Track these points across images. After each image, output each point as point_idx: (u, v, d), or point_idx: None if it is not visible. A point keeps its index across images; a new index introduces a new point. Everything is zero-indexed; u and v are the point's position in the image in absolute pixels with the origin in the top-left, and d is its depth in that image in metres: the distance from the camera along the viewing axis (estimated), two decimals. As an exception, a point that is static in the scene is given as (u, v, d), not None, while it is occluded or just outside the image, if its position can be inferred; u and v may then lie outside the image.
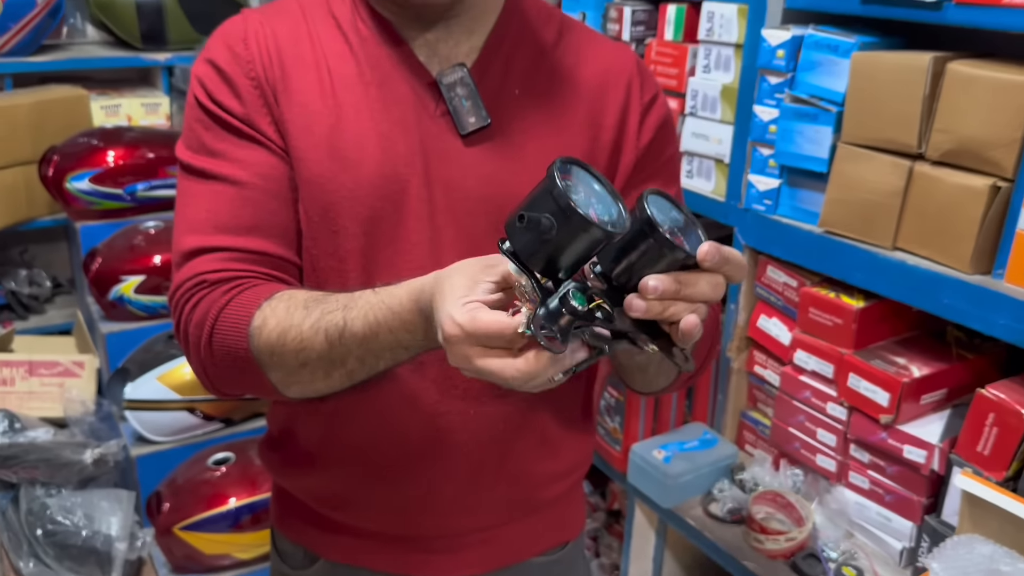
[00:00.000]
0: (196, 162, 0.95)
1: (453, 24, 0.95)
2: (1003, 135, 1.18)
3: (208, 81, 0.94)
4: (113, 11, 2.96)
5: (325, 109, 0.93)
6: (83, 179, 2.59)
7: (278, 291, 0.89)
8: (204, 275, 0.91)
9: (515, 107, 0.97)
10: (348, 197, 0.92)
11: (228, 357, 0.89)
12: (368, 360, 0.86)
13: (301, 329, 0.85)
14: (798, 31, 1.39)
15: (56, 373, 2.61)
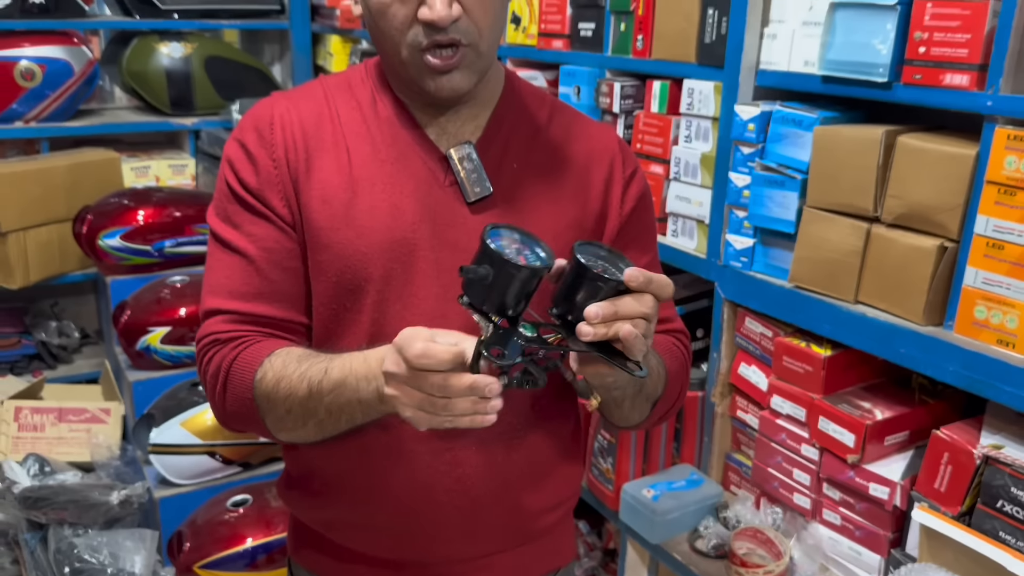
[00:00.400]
0: (220, 231, 1.11)
1: (462, 108, 1.11)
2: (948, 201, 1.31)
3: (236, 160, 1.10)
4: (145, 79, 3.16)
5: (343, 184, 1.08)
6: (114, 236, 2.76)
7: (279, 348, 1.05)
8: (217, 334, 1.08)
9: (513, 179, 1.12)
10: (362, 260, 1.06)
11: (237, 403, 1.07)
12: (334, 411, 1.00)
13: (291, 379, 1.01)
14: (767, 107, 1.53)
15: (84, 419, 2.76)
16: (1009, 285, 1.25)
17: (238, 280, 1.09)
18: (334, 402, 0.99)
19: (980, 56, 1.25)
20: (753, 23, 1.55)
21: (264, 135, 1.09)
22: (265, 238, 1.09)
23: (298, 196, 1.08)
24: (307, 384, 1.00)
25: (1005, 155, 1.23)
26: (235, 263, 1.09)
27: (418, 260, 1.07)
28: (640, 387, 1.09)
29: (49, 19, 2.92)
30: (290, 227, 1.09)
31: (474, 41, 1.01)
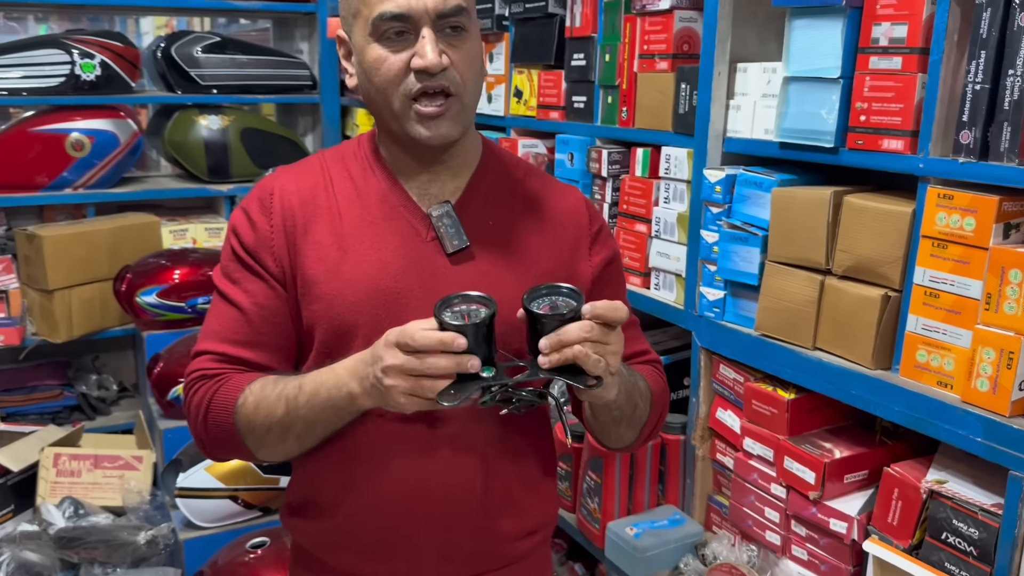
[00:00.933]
0: (221, 285, 1.26)
1: (442, 169, 1.26)
2: (890, 254, 1.44)
3: (239, 225, 1.26)
4: (185, 149, 3.40)
5: (335, 243, 1.23)
6: (151, 294, 2.96)
7: (257, 377, 1.20)
8: (204, 370, 1.22)
9: (489, 234, 1.27)
10: (351, 309, 1.21)
11: (218, 429, 1.21)
12: (310, 422, 1.15)
13: (269, 399, 1.16)
14: (731, 171, 1.68)
15: (118, 466, 2.92)
16: (945, 331, 1.37)
17: (230, 329, 1.23)
18: (309, 413, 1.15)
19: (912, 123, 1.39)
20: (719, 96, 1.71)
21: (265, 204, 1.25)
22: (257, 294, 1.24)
23: (293, 258, 1.23)
24: (284, 401, 1.15)
25: (937, 212, 1.36)
26: (230, 314, 1.24)
27: (403, 308, 1.21)
28: (634, 409, 1.23)
29: (98, 95, 3.18)
30: (280, 285, 1.24)
31: (459, 92, 1.16)
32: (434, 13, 1.13)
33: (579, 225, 1.32)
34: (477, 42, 1.20)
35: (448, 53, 1.15)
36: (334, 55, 3.60)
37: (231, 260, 1.26)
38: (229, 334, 1.23)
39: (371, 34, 1.14)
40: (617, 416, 1.23)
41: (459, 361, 1.03)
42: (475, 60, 1.19)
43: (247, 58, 3.49)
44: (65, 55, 3.10)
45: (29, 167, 3.10)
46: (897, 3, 1.39)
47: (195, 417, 1.23)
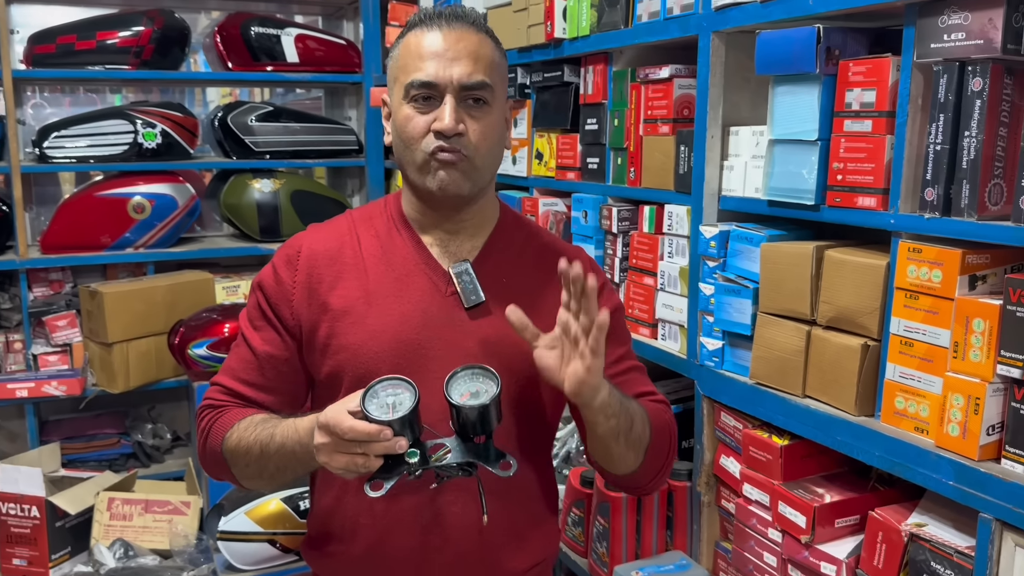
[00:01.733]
0: (243, 328, 1.43)
1: (461, 229, 1.39)
2: (868, 305, 1.51)
3: (265, 278, 1.41)
4: (239, 211, 3.61)
5: (361, 298, 1.36)
6: (202, 346, 3.14)
7: (250, 414, 1.35)
8: (212, 400, 1.40)
9: (503, 290, 1.38)
10: (374, 358, 1.33)
11: (212, 455, 1.37)
12: (280, 466, 1.29)
13: (248, 440, 1.30)
14: (724, 227, 1.77)
15: (167, 511, 3.07)
16: (920, 378, 1.43)
17: (242, 369, 1.40)
18: (280, 461, 1.28)
19: (883, 181, 1.47)
20: (713, 157, 1.81)
21: (291, 260, 1.40)
22: (270, 343, 1.39)
23: (314, 312, 1.36)
24: (259, 446, 1.29)
25: (908, 264, 1.43)
26: (246, 356, 1.40)
27: (423, 358, 1.34)
28: (631, 424, 1.29)
29: (159, 161, 3.42)
30: (291, 338, 1.38)
31: (471, 155, 1.30)
32: (458, 84, 1.28)
33: None
34: (499, 116, 1.34)
35: (467, 122, 1.29)
36: (378, 121, 3.81)
37: (255, 308, 1.41)
38: (240, 373, 1.40)
39: (404, 97, 1.30)
40: (614, 426, 1.26)
41: (386, 447, 1.13)
42: (492, 132, 1.32)
43: (298, 125, 3.71)
44: (129, 125, 3.35)
45: (94, 229, 3.34)
46: (866, 71, 1.49)
47: (198, 440, 1.40)
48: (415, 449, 1.16)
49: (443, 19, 1.31)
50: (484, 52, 1.31)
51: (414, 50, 1.30)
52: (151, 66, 3.42)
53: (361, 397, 1.15)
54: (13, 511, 2.91)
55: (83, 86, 3.83)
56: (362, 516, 1.36)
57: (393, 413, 1.13)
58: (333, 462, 1.15)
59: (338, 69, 3.76)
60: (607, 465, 1.39)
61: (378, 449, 1.13)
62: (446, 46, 1.28)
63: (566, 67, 2.31)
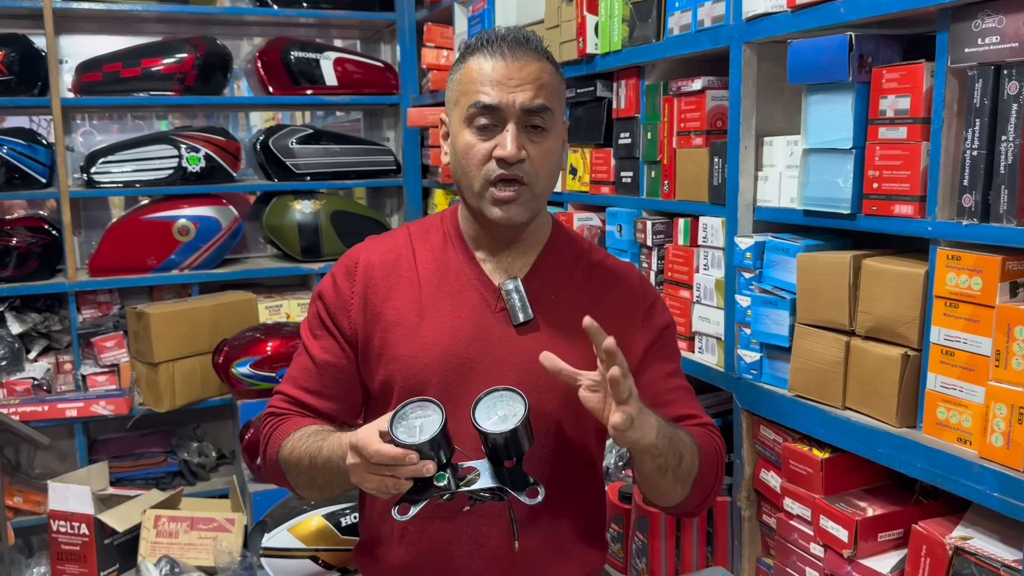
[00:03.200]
0: (305, 339, 1.46)
1: (514, 247, 1.42)
2: (907, 314, 1.49)
3: (325, 289, 1.45)
4: (281, 232, 3.67)
5: (414, 310, 1.39)
6: (246, 365, 3.19)
7: (307, 424, 1.38)
8: (275, 408, 1.46)
9: (552, 308, 1.40)
10: (424, 369, 1.36)
11: (270, 461, 1.42)
12: (328, 479, 1.31)
13: (299, 452, 1.33)
14: (760, 238, 1.76)
15: (212, 528, 3.11)
16: (961, 388, 1.40)
17: (303, 377, 1.44)
18: (327, 475, 1.31)
19: (920, 189, 1.45)
20: (747, 168, 1.80)
21: (350, 271, 1.44)
22: (330, 352, 1.42)
23: (370, 322, 1.39)
24: (308, 457, 1.32)
25: (947, 272, 1.41)
26: (306, 364, 1.44)
27: (471, 371, 1.35)
28: (679, 459, 1.29)
29: (203, 184, 3.50)
30: (350, 347, 1.41)
31: (532, 183, 1.32)
32: (520, 109, 1.30)
33: (633, 299, 1.45)
34: (558, 141, 1.36)
35: (527, 148, 1.31)
36: (415, 142, 3.85)
37: (315, 318, 1.45)
38: (302, 381, 1.44)
39: (465, 120, 1.33)
40: (662, 465, 1.27)
41: (412, 471, 1.14)
42: (551, 157, 1.34)
43: (338, 147, 3.77)
44: (173, 150, 3.43)
45: (140, 251, 3.42)
46: (900, 77, 1.47)
47: (261, 447, 1.42)
48: (443, 472, 1.17)
49: (506, 44, 1.32)
50: (545, 78, 1.32)
51: (476, 75, 1.32)
52: (194, 92, 3.50)
53: (390, 420, 1.16)
54: (64, 528, 2.97)
55: (130, 113, 3.94)
56: (410, 524, 1.36)
57: (419, 436, 1.14)
58: (365, 483, 1.17)
59: (376, 91, 3.82)
60: (653, 498, 1.40)
61: (405, 472, 1.14)
62: (509, 73, 1.30)
63: (599, 82, 2.32)
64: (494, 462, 1.20)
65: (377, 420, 1.20)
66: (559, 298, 1.40)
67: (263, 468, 1.44)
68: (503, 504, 1.31)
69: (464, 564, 1.35)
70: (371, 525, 1.46)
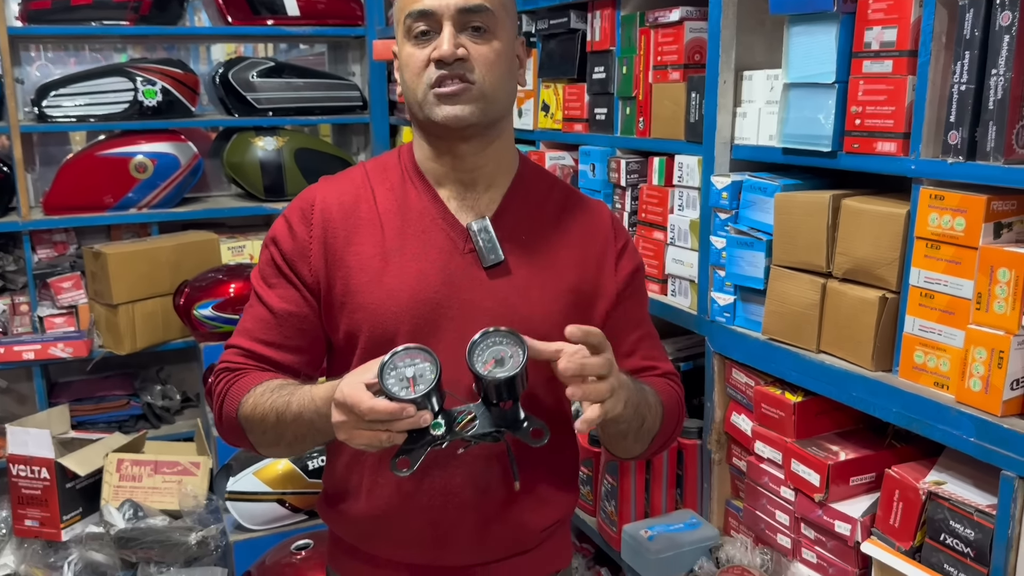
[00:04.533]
0: (257, 287, 1.35)
1: (478, 176, 1.32)
2: (886, 256, 1.45)
3: (279, 233, 1.34)
4: (242, 170, 3.56)
5: (378, 254, 1.30)
6: (207, 307, 3.11)
7: (267, 378, 1.28)
8: (229, 363, 1.33)
9: (522, 248, 1.33)
10: (392, 318, 1.28)
11: (228, 420, 1.30)
12: (299, 436, 1.23)
13: (264, 407, 1.24)
14: (737, 177, 1.70)
15: (176, 471, 3.05)
16: (940, 331, 1.37)
17: (260, 329, 1.33)
18: (297, 431, 1.22)
19: (904, 125, 1.40)
20: (725, 104, 1.73)
21: (306, 214, 1.33)
22: (289, 300, 1.32)
23: (331, 268, 1.30)
24: (275, 413, 1.23)
25: (929, 212, 1.36)
26: (262, 315, 1.33)
27: (441, 318, 1.28)
28: (642, 423, 1.28)
29: (160, 119, 3.36)
30: (311, 295, 1.32)
31: (477, 80, 1.23)
32: (455, 9, 1.22)
33: (605, 240, 1.39)
34: (506, 46, 1.27)
35: (468, 48, 1.23)
36: (382, 77, 3.73)
37: (269, 265, 1.34)
38: (258, 333, 1.32)
39: (405, 35, 1.25)
40: (624, 429, 1.27)
41: (410, 423, 1.07)
42: (498, 59, 1.25)
43: (301, 81, 3.64)
44: (129, 82, 3.29)
45: (96, 189, 3.29)
46: (887, 7, 1.41)
47: (214, 405, 1.33)
48: (439, 421, 1.10)
49: None
50: None
51: None
52: (150, 22, 3.35)
53: (379, 372, 1.08)
54: (24, 472, 2.90)
55: (88, 45, 3.76)
56: (381, 475, 1.32)
57: (415, 388, 1.07)
58: (354, 440, 1.10)
59: (340, 22, 3.68)
60: (611, 450, 1.40)
61: (402, 426, 1.07)
62: None
63: (572, 12, 2.22)
64: (489, 404, 1.13)
65: (359, 371, 1.12)
66: (530, 238, 1.34)
67: (218, 428, 1.34)
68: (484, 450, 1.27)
69: (439, 515, 1.30)
70: (337, 477, 1.39)
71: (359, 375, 1.11)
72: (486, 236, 1.30)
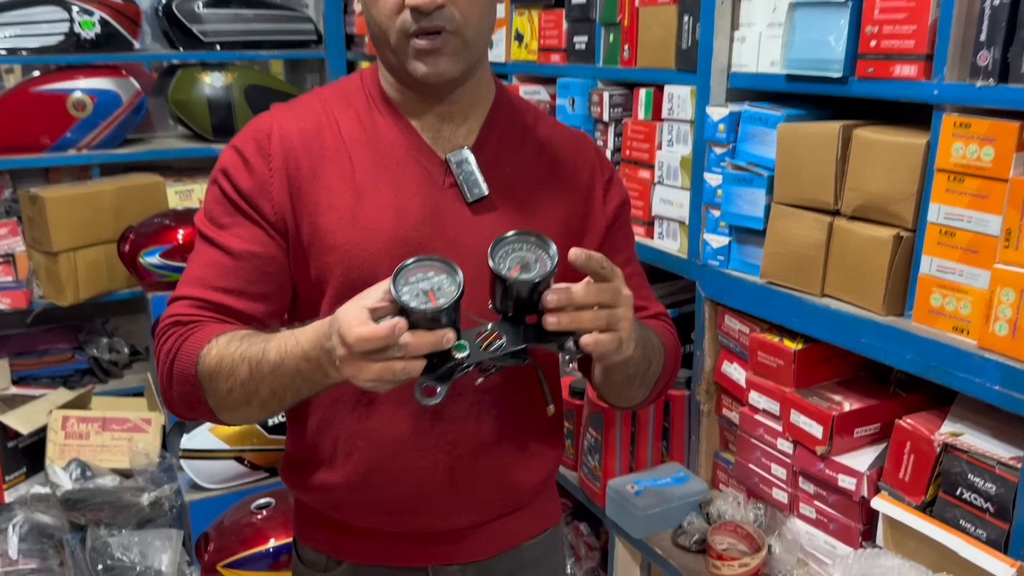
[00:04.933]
0: (206, 229, 1.15)
1: (454, 109, 1.17)
2: (902, 191, 1.33)
3: (231, 166, 1.14)
4: (189, 108, 3.34)
5: (348, 189, 1.14)
6: (154, 254, 2.92)
7: (229, 330, 1.08)
8: (179, 315, 1.11)
9: (506, 181, 1.18)
10: (369, 260, 1.12)
11: (181, 380, 1.08)
12: (277, 390, 1.03)
13: (233, 357, 1.03)
14: (735, 108, 1.57)
15: (126, 428, 2.90)
16: (962, 272, 1.26)
17: (215, 275, 1.12)
18: (276, 382, 1.02)
19: (926, 46, 1.28)
20: (723, 27, 1.59)
21: (262, 146, 1.14)
22: (251, 240, 1.13)
23: (296, 205, 1.13)
24: (247, 364, 1.03)
25: (952, 142, 1.25)
26: (216, 259, 1.13)
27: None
28: (648, 365, 1.16)
29: (99, 53, 3.12)
30: (279, 234, 1.14)
31: (459, 28, 1.08)
32: None
33: (591, 172, 1.26)
34: None
35: None
36: (338, 8, 3.51)
37: (220, 203, 1.15)
38: (214, 280, 1.12)
39: None
40: (632, 374, 1.15)
41: (433, 342, 0.91)
42: None
43: (250, 12, 3.40)
44: (64, 12, 3.03)
45: (31, 128, 3.05)
46: (910, -86, 1.27)
47: (162, 367, 1.11)
48: (462, 342, 0.94)
49: None
50: None
51: None
52: (83, -55, 3.08)
53: (392, 288, 0.91)
54: (-40, 432, 2.73)
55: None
56: (359, 438, 1.18)
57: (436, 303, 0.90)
58: (363, 374, 0.91)
59: (293, -51, 3.44)
60: (614, 401, 1.27)
61: (423, 348, 0.91)
62: None
63: (549, -68, 2.06)
64: (510, 320, 0.98)
65: (359, 297, 0.94)
66: (515, 171, 1.20)
67: (165, 393, 1.11)
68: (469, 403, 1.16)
69: (427, 475, 1.17)
70: (306, 444, 1.23)
71: (361, 300, 0.94)
72: (468, 168, 1.16)
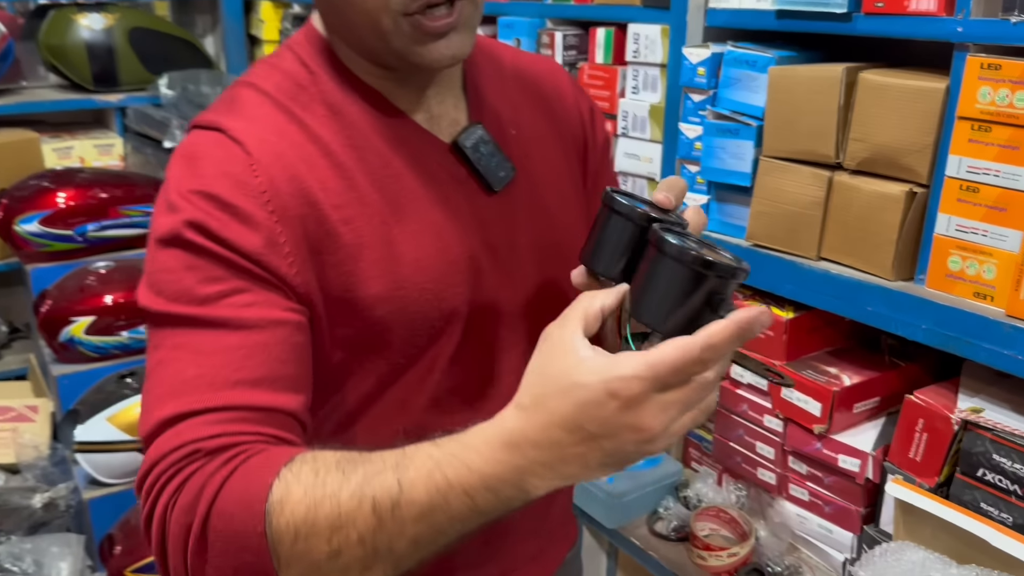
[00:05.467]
0: (181, 309, 0.75)
1: (439, 77, 0.89)
2: (916, 141, 1.19)
3: (206, 218, 0.76)
4: (64, 54, 2.97)
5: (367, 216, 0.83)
6: (32, 221, 2.58)
7: (298, 453, 0.70)
8: (197, 443, 0.70)
9: (518, 146, 0.94)
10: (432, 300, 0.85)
11: (232, 548, 0.67)
12: (424, 540, 0.67)
13: (339, 500, 0.66)
14: (717, 48, 1.40)
15: (9, 418, 2.58)
16: (986, 231, 1.13)
17: (227, 364, 0.74)
18: (429, 530, 0.67)
19: (948, -23, 1.13)
20: (700, -44, 1.41)
21: (245, 181, 0.78)
22: (268, 304, 0.77)
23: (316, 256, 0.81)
24: (372, 509, 0.66)
25: (979, 86, 1.11)
26: (218, 343, 0.74)
27: (479, 276, 0.89)
28: None
29: (-48, -11, 2.72)
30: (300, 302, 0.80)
31: None
32: None
33: (576, 105, 1.04)
34: None
35: None
36: (233, -59, 3.17)
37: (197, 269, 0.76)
38: (228, 372, 0.73)
39: None
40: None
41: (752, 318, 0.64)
42: None
43: (131, -54, 3.04)
44: (-95, -59, 2.62)
45: None
46: None
47: (182, 532, 0.68)
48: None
49: None
50: None
51: None
52: None
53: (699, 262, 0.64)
54: None
55: None
56: None
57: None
58: (680, 419, 0.64)
59: None
60: None
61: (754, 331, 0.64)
62: None
63: None
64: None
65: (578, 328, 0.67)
66: (517, 130, 0.95)
67: (195, 568, 0.68)
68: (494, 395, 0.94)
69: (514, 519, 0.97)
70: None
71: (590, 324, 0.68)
72: (486, 149, 0.89)
